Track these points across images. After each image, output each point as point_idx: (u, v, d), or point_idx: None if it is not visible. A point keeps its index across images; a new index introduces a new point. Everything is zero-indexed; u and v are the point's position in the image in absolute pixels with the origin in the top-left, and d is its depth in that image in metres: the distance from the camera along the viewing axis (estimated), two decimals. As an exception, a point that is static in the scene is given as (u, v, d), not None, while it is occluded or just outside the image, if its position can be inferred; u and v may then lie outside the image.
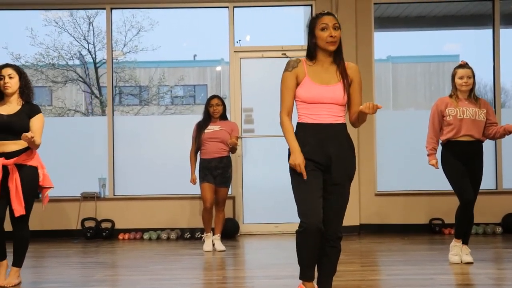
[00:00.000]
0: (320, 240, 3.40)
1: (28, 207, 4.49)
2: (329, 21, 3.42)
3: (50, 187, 4.66)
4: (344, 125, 3.48)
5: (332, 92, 3.42)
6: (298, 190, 3.42)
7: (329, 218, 3.44)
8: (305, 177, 3.35)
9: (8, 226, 4.50)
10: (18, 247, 4.57)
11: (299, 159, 3.36)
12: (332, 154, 3.40)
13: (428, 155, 5.45)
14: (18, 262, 4.61)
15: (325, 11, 3.51)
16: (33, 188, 4.53)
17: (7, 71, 4.58)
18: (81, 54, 12.60)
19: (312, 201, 3.36)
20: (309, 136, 3.42)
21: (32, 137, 4.30)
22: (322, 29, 3.42)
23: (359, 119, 3.48)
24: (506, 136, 5.36)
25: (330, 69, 3.48)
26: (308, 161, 3.39)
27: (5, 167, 4.43)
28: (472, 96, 5.39)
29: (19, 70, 4.65)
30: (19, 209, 4.40)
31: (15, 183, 4.41)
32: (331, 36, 3.39)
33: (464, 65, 5.41)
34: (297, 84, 3.46)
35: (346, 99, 3.45)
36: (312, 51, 3.50)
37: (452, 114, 5.32)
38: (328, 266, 3.55)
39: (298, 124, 3.49)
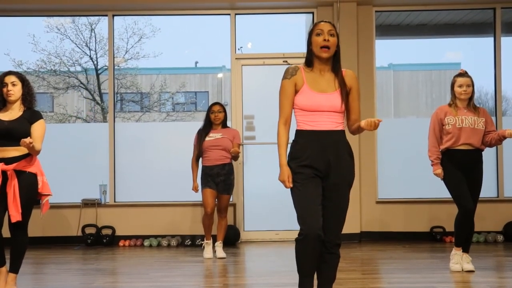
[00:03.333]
0: (320, 248, 3.40)
1: (26, 214, 4.48)
2: (324, 27, 3.46)
3: (49, 195, 4.64)
4: (343, 132, 3.49)
5: (330, 100, 3.43)
6: (297, 198, 3.42)
7: (329, 224, 3.44)
8: (289, 187, 3.40)
9: (7, 233, 4.50)
10: (15, 253, 4.55)
11: (285, 175, 3.42)
12: (331, 160, 3.41)
13: (432, 164, 5.40)
14: (14, 269, 4.60)
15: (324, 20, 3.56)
16: (31, 194, 4.52)
17: (10, 79, 4.58)
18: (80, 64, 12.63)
19: (311, 208, 3.36)
20: (309, 142, 3.42)
21: (31, 143, 4.29)
22: (317, 35, 3.45)
23: (359, 130, 3.50)
24: (501, 141, 5.35)
25: (328, 77, 3.49)
26: (308, 168, 3.40)
27: (4, 173, 4.43)
28: (471, 104, 5.39)
29: (22, 78, 4.65)
30: (15, 215, 4.39)
31: (13, 189, 4.40)
32: (325, 40, 3.41)
33: (464, 74, 5.41)
34: (296, 92, 3.47)
35: (344, 107, 3.46)
36: (309, 58, 3.52)
37: (451, 122, 5.31)
38: (328, 273, 3.53)
39: (297, 131, 3.49)
